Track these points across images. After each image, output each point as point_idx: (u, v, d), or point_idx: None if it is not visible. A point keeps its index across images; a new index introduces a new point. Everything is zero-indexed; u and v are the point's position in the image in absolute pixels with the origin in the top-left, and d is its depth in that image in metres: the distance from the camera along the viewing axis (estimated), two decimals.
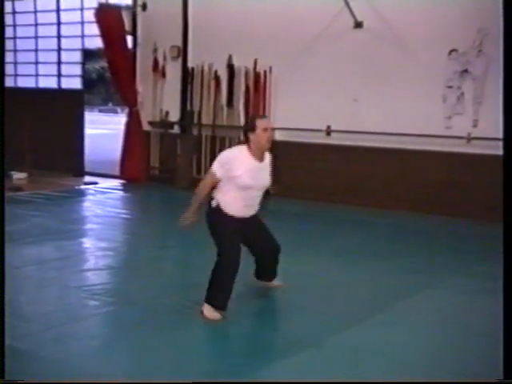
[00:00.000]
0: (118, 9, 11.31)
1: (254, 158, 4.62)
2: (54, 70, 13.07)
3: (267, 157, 4.77)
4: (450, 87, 8.87)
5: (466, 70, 8.75)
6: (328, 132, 9.86)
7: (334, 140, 9.83)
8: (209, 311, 4.61)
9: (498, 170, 9.79)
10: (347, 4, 9.22)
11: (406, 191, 9.22)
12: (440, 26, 8.78)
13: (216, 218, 4.71)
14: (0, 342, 2.90)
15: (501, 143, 9.01)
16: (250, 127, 4.66)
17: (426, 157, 9.05)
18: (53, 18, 12.80)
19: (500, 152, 9.11)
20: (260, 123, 4.63)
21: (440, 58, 8.85)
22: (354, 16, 9.38)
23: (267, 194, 4.88)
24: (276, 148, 10.03)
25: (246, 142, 4.66)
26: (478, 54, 8.62)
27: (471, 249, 7.15)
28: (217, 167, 4.63)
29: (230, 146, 10.79)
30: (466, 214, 8.60)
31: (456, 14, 8.65)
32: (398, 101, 9.18)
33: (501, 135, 9.21)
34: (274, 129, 4.60)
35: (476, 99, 8.69)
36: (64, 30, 12.74)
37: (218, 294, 4.60)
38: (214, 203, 4.71)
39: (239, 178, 4.55)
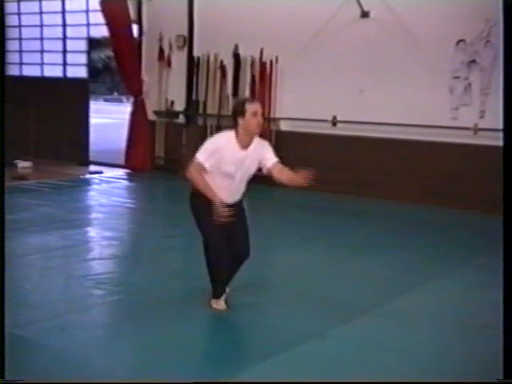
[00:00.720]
0: None
1: (240, 145, 4.38)
2: (59, 58, 13.04)
3: (256, 143, 4.48)
4: (457, 78, 8.81)
5: (473, 61, 8.69)
6: (334, 122, 9.82)
7: (340, 130, 9.79)
8: (214, 302, 4.61)
9: None
10: None
11: (411, 182, 9.18)
12: (447, 16, 8.71)
13: (198, 203, 4.47)
14: (0, 342, 2.89)
15: None
16: (238, 111, 4.41)
17: (433, 148, 9.00)
18: (58, 6, 12.77)
19: None
20: (249, 107, 4.37)
21: (447, 48, 8.79)
22: (360, 5, 9.31)
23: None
24: (281, 138, 10.09)
25: (235, 126, 4.43)
26: (486, 44, 8.55)
27: (476, 241, 7.12)
28: (204, 158, 4.35)
29: None
30: (472, 205, 8.56)
31: (464, 4, 8.57)
32: (405, 91, 9.12)
33: None
34: (264, 115, 4.38)
35: (483, 90, 8.63)
36: (69, 19, 12.71)
37: (214, 284, 4.59)
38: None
39: (223, 165, 4.35)
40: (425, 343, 4.24)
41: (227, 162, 4.35)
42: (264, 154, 4.50)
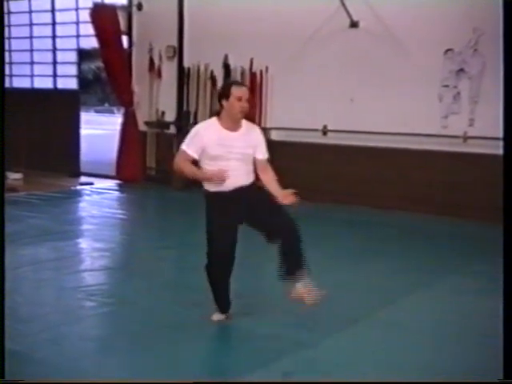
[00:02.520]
0: (113, 8, 11.28)
1: (224, 127, 4.28)
2: (49, 70, 13.04)
3: (246, 127, 4.38)
4: (446, 86, 8.87)
5: (461, 70, 8.75)
6: (324, 132, 9.86)
7: (331, 140, 9.83)
8: (215, 316, 4.59)
9: (495, 169, 9.77)
10: (343, 3, 9.21)
11: (402, 191, 9.21)
12: (436, 26, 8.78)
13: (208, 205, 4.45)
14: (0, 342, 2.89)
15: (497, 142, 9.03)
16: (223, 93, 4.28)
17: (423, 156, 9.05)
18: (48, 17, 12.78)
19: (496, 151, 9.13)
20: (235, 91, 4.23)
21: (436, 57, 8.85)
22: (349, 15, 9.37)
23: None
24: (272, 147, 10.09)
25: (220, 110, 4.32)
26: (474, 53, 8.62)
27: (468, 249, 7.15)
28: (187, 144, 4.31)
29: None
30: (463, 213, 8.59)
31: (451, 13, 8.64)
32: (394, 100, 9.18)
33: (497, 134, 9.19)
34: (250, 101, 4.34)
35: (472, 98, 8.70)
36: (59, 30, 12.72)
37: (216, 299, 4.55)
38: (204, 187, 4.47)
39: (208, 148, 4.25)
40: (416, 352, 4.23)
41: (211, 144, 4.24)
42: (257, 145, 4.42)
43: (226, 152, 4.26)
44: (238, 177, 4.32)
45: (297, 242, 4.28)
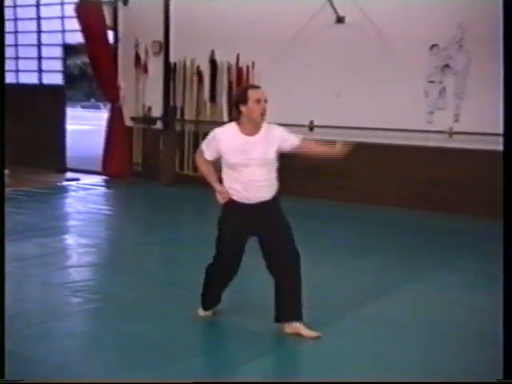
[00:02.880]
0: (98, 3, 11.22)
1: (243, 132, 4.16)
2: (34, 65, 12.95)
3: (266, 129, 4.25)
4: (432, 82, 8.91)
5: (447, 65, 8.80)
6: (311, 127, 9.87)
7: (317, 135, 9.81)
8: (200, 311, 4.60)
9: (480, 164, 9.89)
10: None
11: (388, 186, 9.25)
12: (421, 21, 8.80)
13: (224, 211, 4.33)
14: (0, 342, 2.88)
15: (482, 138, 9.07)
16: (241, 99, 4.15)
17: (409, 152, 9.08)
18: (33, 12, 12.69)
19: (481, 146, 9.17)
20: (252, 94, 4.14)
21: (421, 53, 8.89)
22: (336, 11, 9.39)
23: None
24: None
25: (238, 116, 4.20)
26: (459, 49, 8.66)
27: (454, 243, 7.21)
28: (204, 146, 4.27)
29: None
30: (449, 208, 8.65)
31: (437, 9, 8.67)
32: (381, 96, 9.21)
33: (482, 129, 9.26)
34: (267, 100, 4.32)
35: (457, 94, 8.74)
36: (44, 25, 12.63)
37: (204, 296, 4.54)
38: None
39: (226, 155, 4.15)
40: (401, 346, 4.26)
41: (229, 150, 4.14)
42: (281, 141, 4.28)
43: (245, 159, 4.13)
44: (260, 189, 4.20)
45: (297, 285, 4.25)
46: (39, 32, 12.72)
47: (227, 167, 4.22)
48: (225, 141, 4.18)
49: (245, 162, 4.14)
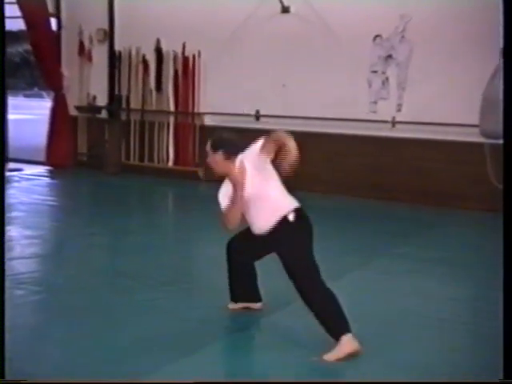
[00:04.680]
0: None
1: None
2: None
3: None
4: (375, 72, 9.06)
5: (390, 56, 8.94)
6: (257, 117, 9.92)
7: (264, 124, 9.88)
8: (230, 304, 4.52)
9: (421, 153, 10.07)
10: None
11: (333, 175, 9.38)
12: (365, 12, 8.89)
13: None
14: (0, 342, 2.83)
15: (423, 127, 9.27)
16: None
17: (354, 141, 9.21)
18: None
19: (422, 135, 9.37)
20: None
21: (365, 43, 9.01)
22: (281, 1, 9.43)
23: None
24: (205, 132, 10.11)
25: None
26: (402, 39, 8.82)
27: (394, 231, 7.35)
28: None
29: (159, 131, 10.74)
30: (391, 196, 8.83)
31: (380, 0, 8.80)
32: (325, 85, 9.30)
33: (423, 119, 9.45)
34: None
35: (400, 84, 8.90)
36: None
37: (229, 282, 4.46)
38: None
39: None
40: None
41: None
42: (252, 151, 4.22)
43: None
44: (252, 221, 4.12)
45: (327, 305, 3.94)
46: None
47: None
48: None
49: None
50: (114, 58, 11.02)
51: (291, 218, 4.12)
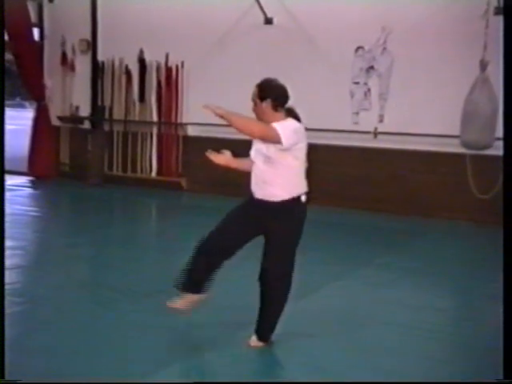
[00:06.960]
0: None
1: None
2: None
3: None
4: (357, 83, 9.13)
5: (371, 67, 9.03)
6: None
7: (246, 135, 9.90)
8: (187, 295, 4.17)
9: (403, 163, 10.12)
10: (257, 0, 9.32)
11: (316, 186, 9.29)
12: (347, 24, 8.98)
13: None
14: (0, 342, 2.81)
15: (404, 138, 9.34)
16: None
17: (336, 151, 9.26)
18: None
19: (403, 146, 9.43)
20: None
21: (347, 54, 9.09)
22: (264, 12, 9.49)
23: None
24: (189, 143, 10.12)
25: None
26: (383, 51, 8.91)
27: (377, 241, 7.40)
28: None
29: (142, 141, 10.73)
30: (372, 206, 8.87)
31: (361, 12, 8.88)
32: (308, 96, 9.30)
33: (404, 130, 9.51)
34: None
35: (381, 95, 8.98)
36: None
37: (181, 273, 4.12)
38: None
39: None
40: (324, 345, 4.32)
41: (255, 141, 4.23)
42: None
43: (254, 151, 4.19)
44: (262, 186, 4.08)
45: (276, 311, 4.07)
46: None
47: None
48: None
49: (253, 154, 4.16)
50: (97, 69, 11.01)
51: (303, 199, 4.22)
